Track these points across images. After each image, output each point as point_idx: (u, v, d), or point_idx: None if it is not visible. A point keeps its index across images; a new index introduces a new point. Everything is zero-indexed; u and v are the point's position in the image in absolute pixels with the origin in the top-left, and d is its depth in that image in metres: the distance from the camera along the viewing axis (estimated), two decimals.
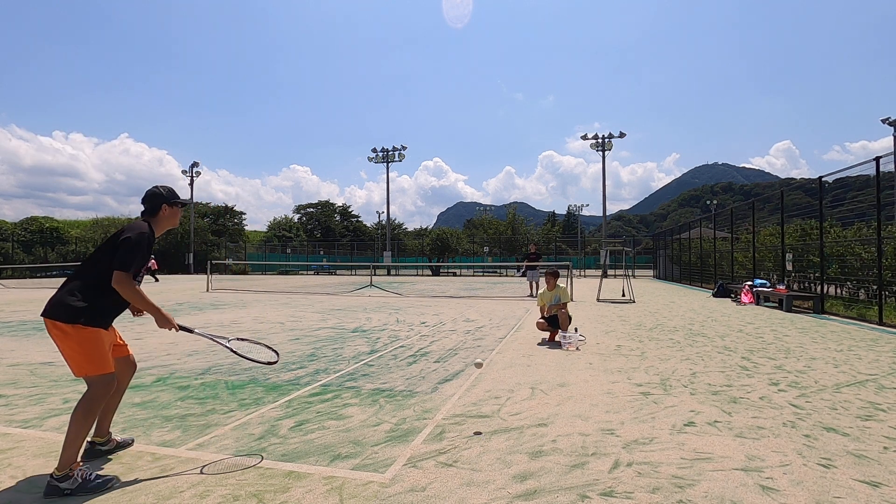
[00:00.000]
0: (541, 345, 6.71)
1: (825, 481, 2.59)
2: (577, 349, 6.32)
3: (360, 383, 4.67)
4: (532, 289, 16.15)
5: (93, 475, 2.54)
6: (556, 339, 6.88)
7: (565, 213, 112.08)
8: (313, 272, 43.61)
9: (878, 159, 9.22)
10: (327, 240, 62.40)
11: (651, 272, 36.22)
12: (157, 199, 2.95)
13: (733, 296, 14.34)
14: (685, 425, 3.46)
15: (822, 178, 11.15)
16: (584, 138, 37.64)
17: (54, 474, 2.48)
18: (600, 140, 36.94)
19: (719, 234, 20.36)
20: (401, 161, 43.63)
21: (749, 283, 13.70)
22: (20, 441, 3.20)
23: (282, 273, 43.17)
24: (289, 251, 53.24)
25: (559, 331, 6.80)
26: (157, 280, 27.57)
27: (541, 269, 15.45)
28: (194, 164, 47.30)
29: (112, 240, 2.75)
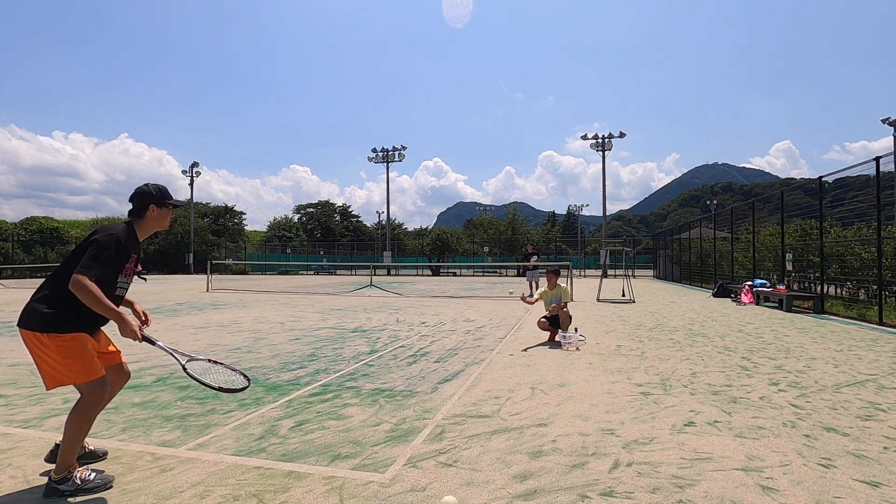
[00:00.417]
0: (541, 345, 6.72)
1: (825, 481, 2.59)
2: (577, 349, 6.32)
3: (360, 383, 4.67)
4: (532, 289, 16.14)
5: (92, 476, 2.54)
6: (557, 338, 6.89)
7: (565, 213, 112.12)
8: (313, 272, 43.60)
9: (878, 159, 9.23)
10: (327, 240, 62.39)
11: (651, 272, 36.24)
12: (145, 199, 2.71)
13: (733, 296, 14.34)
14: (685, 425, 3.46)
15: (822, 178, 11.15)
16: (584, 138, 37.69)
17: (53, 476, 2.48)
18: (600, 140, 36.96)
19: (719, 234, 20.37)
20: (401, 161, 43.70)
21: (749, 283, 13.70)
22: (20, 441, 3.20)
23: (282, 273, 43.15)
24: (289, 251, 53.25)
25: (559, 330, 6.81)
26: (145, 280, 26.37)
27: (541, 270, 15.45)
28: (194, 164, 47.33)
29: (84, 242, 2.55)
